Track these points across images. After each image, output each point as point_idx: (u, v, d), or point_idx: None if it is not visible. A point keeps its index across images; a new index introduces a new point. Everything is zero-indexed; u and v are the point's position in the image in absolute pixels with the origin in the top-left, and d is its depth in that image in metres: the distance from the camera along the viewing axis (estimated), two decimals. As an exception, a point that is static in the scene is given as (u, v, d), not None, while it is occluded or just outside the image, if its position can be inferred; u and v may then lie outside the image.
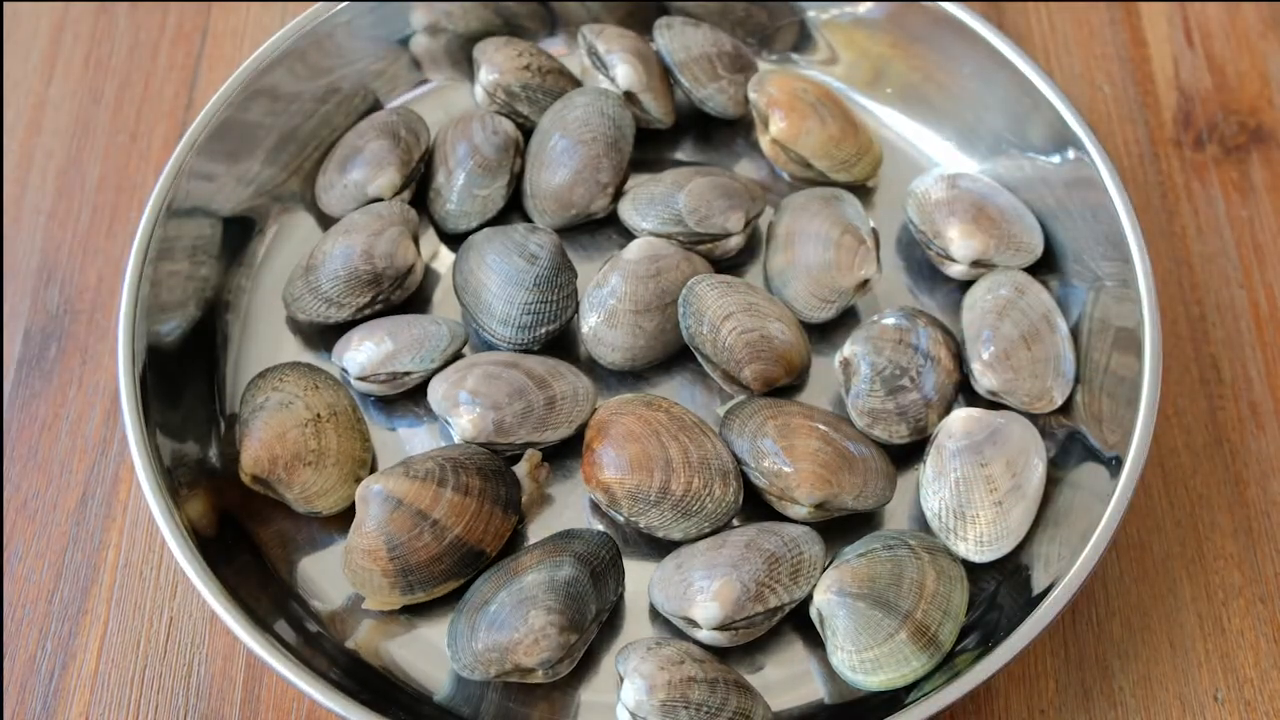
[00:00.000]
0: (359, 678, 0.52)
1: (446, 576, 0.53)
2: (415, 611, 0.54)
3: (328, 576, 0.55)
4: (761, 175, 0.64)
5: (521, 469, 0.55)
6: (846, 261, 0.58)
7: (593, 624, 0.52)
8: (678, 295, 0.57)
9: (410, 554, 0.52)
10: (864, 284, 0.59)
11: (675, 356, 0.59)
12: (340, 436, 0.56)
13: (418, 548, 0.52)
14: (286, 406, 0.55)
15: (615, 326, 0.57)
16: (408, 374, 0.57)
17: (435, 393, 0.56)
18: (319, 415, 0.55)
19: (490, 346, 0.58)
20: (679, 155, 0.65)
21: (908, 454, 0.57)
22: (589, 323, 0.57)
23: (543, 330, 0.57)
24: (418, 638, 0.54)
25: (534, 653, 0.50)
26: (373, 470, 0.57)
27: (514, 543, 0.55)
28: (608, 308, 0.57)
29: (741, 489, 0.54)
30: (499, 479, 0.54)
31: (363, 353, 0.57)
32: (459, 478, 0.53)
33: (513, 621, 0.50)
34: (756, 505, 0.55)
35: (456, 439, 0.55)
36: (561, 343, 0.59)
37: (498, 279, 0.57)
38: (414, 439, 0.58)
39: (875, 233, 0.60)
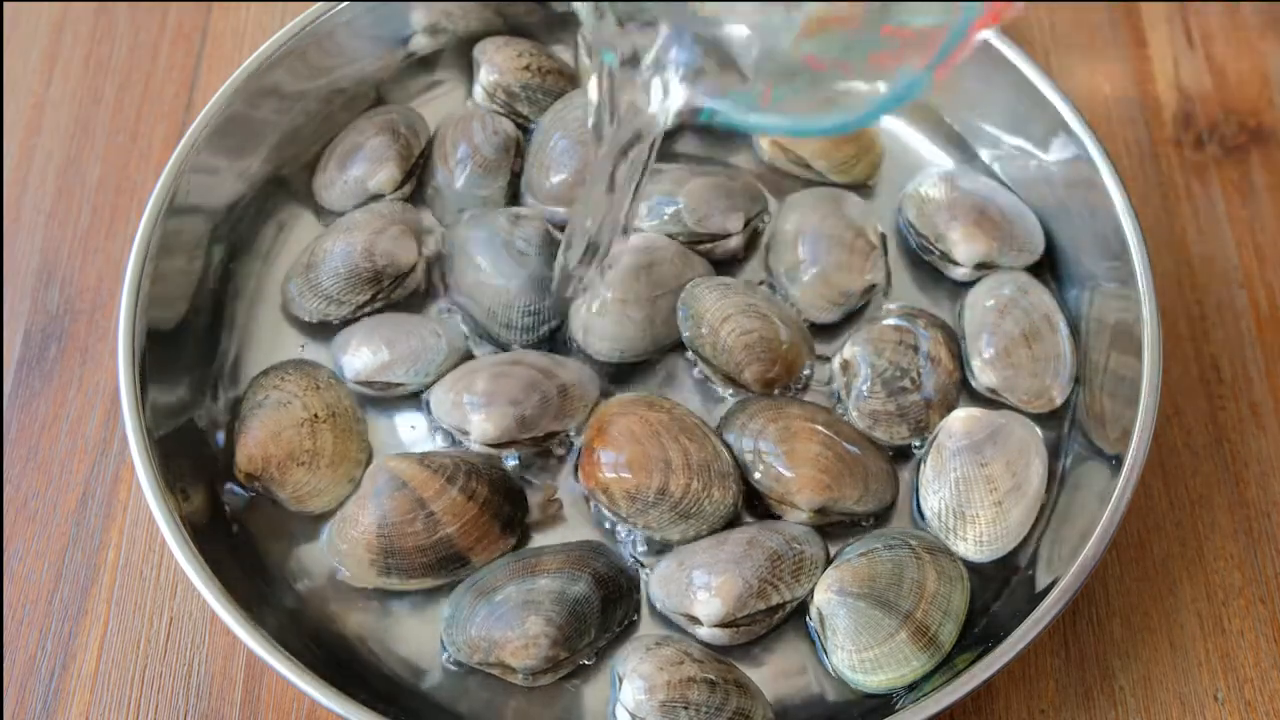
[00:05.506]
0: (359, 677, 0.52)
1: (425, 572, 0.52)
2: (415, 611, 0.54)
3: (329, 577, 0.55)
4: (761, 175, 0.64)
5: (535, 498, 0.55)
6: (858, 264, 0.58)
7: (587, 648, 0.52)
8: (670, 288, 0.57)
9: (398, 537, 0.52)
10: (871, 288, 0.59)
11: (676, 356, 0.59)
12: (337, 438, 0.55)
13: (407, 533, 0.52)
14: (284, 406, 0.55)
15: (604, 315, 0.57)
16: (400, 385, 0.57)
17: (441, 405, 0.55)
18: (317, 415, 0.55)
19: (500, 345, 0.58)
20: (679, 155, 0.65)
21: (908, 454, 0.57)
22: (579, 313, 0.57)
23: (545, 329, 0.57)
24: (418, 637, 0.54)
25: (520, 656, 0.50)
26: (370, 472, 0.56)
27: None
28: (599, 297, 0.57)
29: (741, 493, 0.54)
30: (509, 499, 0.54)
31: (359, 359, 0.57)
32: (468, 480, 0.53)
33: (511, 619, 0.50)
34: (756, 507, 0.55)
35: (476, 443, 0.55)
36: (549, 337, 0.59)
37: (492, 283, 0.57)
38: (415, 441, 0.58)
39: (884, 236, 0.60)
